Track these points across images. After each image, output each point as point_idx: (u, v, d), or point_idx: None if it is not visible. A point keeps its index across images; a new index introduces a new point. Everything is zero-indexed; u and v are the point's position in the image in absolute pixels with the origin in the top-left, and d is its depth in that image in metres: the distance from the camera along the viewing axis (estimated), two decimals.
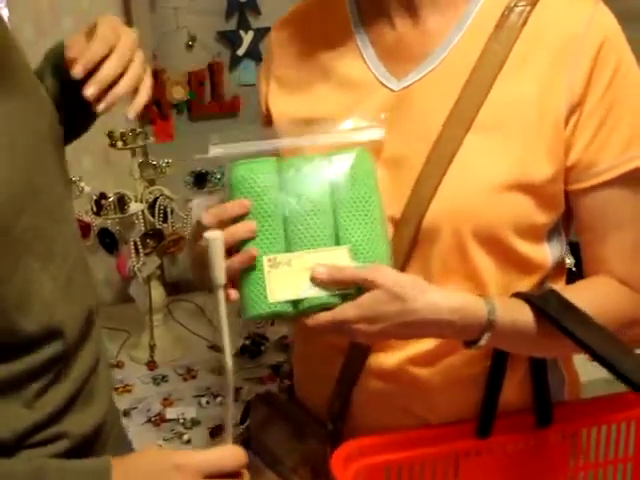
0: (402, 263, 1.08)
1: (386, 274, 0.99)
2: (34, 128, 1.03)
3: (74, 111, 1.13)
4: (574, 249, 1.24)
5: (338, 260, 0.99)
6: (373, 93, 1.13)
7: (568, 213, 1.13)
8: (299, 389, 1.30)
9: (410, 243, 1.08)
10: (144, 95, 1.06)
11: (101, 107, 1.00)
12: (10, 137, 0.97)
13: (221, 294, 0.91)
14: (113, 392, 1.23)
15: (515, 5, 1.07)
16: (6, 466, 0.94)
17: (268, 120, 1.24)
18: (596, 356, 1.00)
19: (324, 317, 0.98)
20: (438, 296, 1.00)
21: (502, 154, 1.05)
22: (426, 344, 1.10)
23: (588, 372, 1.35)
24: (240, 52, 2.49)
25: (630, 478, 1.21)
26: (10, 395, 0.98)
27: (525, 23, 1.06)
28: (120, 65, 1.01)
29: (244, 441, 1.29)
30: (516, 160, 1.05)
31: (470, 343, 1.03)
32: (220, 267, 0.90)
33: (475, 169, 1.05)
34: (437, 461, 1.13)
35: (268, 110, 1.24)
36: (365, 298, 0.97)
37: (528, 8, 1.07)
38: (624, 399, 1.19)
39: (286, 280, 0.98)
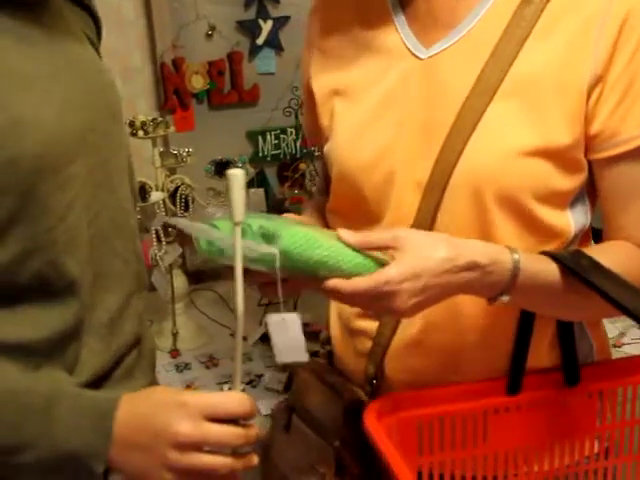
0: (428, 228, 1.11)
1: (411, 232, 1.04)
2: (97, 93, 1.07)
3: None
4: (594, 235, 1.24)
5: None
6: (402, 61, 1.16)
7: (593, 183, 1.15)
8: (337, 353, 1.33)
9: (435, 208, 1.11)
10: None
11: None
12: (68, 87, 1.01)
13: (238, 230, 0.91)
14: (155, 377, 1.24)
15: None
16: (31, 384, 0.96)
17: (309, 90, 1.28)
18: (624, 309, 1.01)
19: (364, 282, 0.97)
20: (465, 241, 1.04)
21: (524, 121, 1.08)
22: (448, 308, 1.11)
23: None
24: (259, 41, 2.51)
25: None
26: (55, 358, 0.99)
27: None
28: None
29: (289, 407, 1.34)
30: (537, 127, 1.08)
31: (494, 298, 1.05)
32: (239, 203, 0.90)
33: (497, 135, 1.09)
34: (467, 417, 1.16)
35: (309, 80, 1.28)
36: (400, 259, 0.98)
37: None
38: None
39: None
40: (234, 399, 0.93)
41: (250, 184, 2.44)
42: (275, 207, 2.47)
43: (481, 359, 1.18)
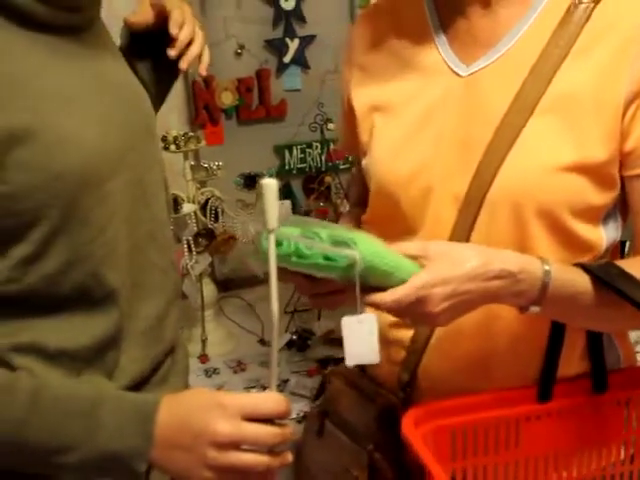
0: (465, 241, 1.15)
1: (441, 243, 1.08)
2: (134, 111, 1.13)
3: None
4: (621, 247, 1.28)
5: None
6: (442, 77, 1.20)
7: (625, 200, 1.18)
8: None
9: (472, 221, 1.15)
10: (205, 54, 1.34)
11: (185, 65, 1.28)
12: (107, 105, 1.07)
13: (272, 238, 0.91)
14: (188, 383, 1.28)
15: (580, 2, 1.14)
16: (75, 388, 1.01)
17: (349, 106, 1.32)
18: None
19: (400, 290, 1.00)
20: (496, 250, 1.07)
21: (561, 138, 1.12)
22: (482, 317, 1.13)
23: None
24: (286, 59, 2.58)
25: None
26: (95, 364, 1.05)
27: (588, 19, 1.13)
28: (190, 33, 1.28)
29: (321, 413, 1.37)
30: (574, 143, 1.11)
31: (525, 308, 1.08)
32: (273, 212, 0.90)
33: (535, 151, 1.12)
34: (499, 425, 1.20)
35: (349, 96, 1.32)
36: (432, 265, 1.02)
37: (592, 5, 1.13)
38: None
39: None
40: (271, 399, 0.97)
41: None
42: None
43: (512, 368, 1.21)
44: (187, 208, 2.15)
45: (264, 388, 2.02)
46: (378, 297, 1.00)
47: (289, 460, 0.99)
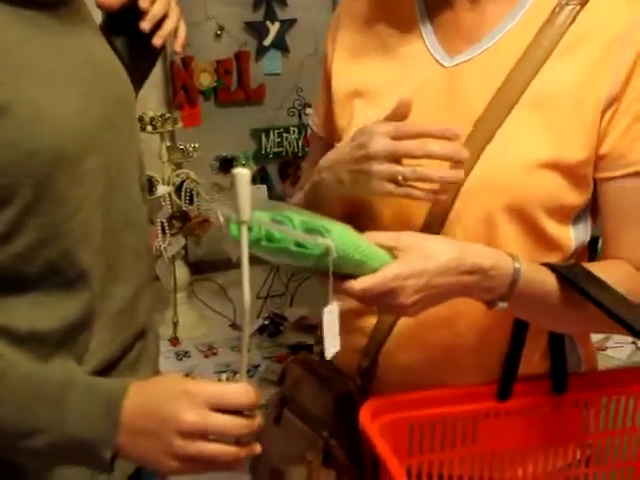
0: (437, 230, 1.14)
1: (416, 235, 1.07)
2: (113, 89, 1.11)
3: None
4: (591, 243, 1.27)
5: None
6: (425, 67, 1.19)
7: (595, 201, 1.18)
8: None
9: (445, 211, 1.14)
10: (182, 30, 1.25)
11: (159, 41, 1.19)
12: (87, 81, 1.04)
13: (244, 229, 0.89)
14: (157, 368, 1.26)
15: (566, 3, 1.14)
16: (43, 371, 0.99)
17: (327, 84, 1.30)
18: (618, 319, 1.04)
19: (371, 279, 0.99)
20: (468, 244, 1.06)
21: (540, 134, 1.12)
22: (447, 310, 1.12)
23: None
24: (266, 42, 2.57)
25: (635, 448, 1.25)
26: (65, 347, 1.03)
27: (573, 21, 1.13)
28: (164, 7, 1.20)
29: (280, 400, 1.35)
30: (553, 140, 1.11)
31: (493, 303, 1.07)
32: (246, 203, 0.87)
33: (513, 146, 1.12)
34: (457, 420, 1.18)
35: (329, 72, 1.30)
36: (405, 257, 1.01)
37: (578, 7, 1.13)
38: (636, 372, 1.25)
39: None
40: (240, 390, 0.94)
41: (252, 181, 2.48)
42: None
43: (474, 361, 1.20)
44: (162, 190, 2.14)
45: (235, 373, 2.06)
46: (347, 285, 0.99)
47: (257, 451, 0.97)
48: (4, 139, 0.92)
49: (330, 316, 0.99)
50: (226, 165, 2.25)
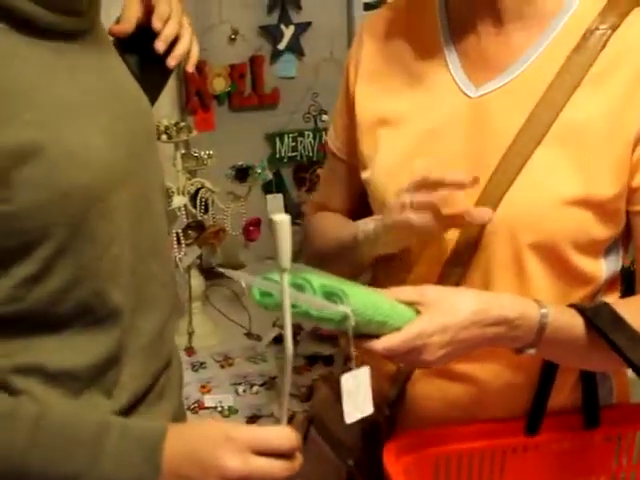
0: (465, 264, 1.13)
1: (438, 288, 1.06)
2: (137, 119, 1.10)
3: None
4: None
5: None
6: (450, 97, 1.17)
7: (629, 231, 1.16)
8: None
9: (473, 247, 1.12)
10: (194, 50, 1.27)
11: (173, 62, 1.21)
12: (112, 114, 1.03)
13: (284, 277, 0.89)
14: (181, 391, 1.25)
15: (596, 28, 1.10)
16: (79, 415, 0.98)
17: (349, 105, 1.28)
18: (634, 368, 1.05)
19: (395, 338, 0.99)
20: (493, 295, 1.07)
21: (569, 169, 1.09)
22: None
23: None
24: (281, 46, 2.54)
25: None
26: (94, 384, 1.02)
27: (604, 47, 1.10)
28: (176, 27, 1.22)
29: (308, 419, 1.35)
30: (582, 176, 1.09)
31: (521, 350, 1.07)
32: (286, 250, 0.88)
33: (542, 182, 1.09)
34: (484, 456, 1.18)
35: (352, 97, 1.27)
36: (429, 312, 1.01)
37: (609, 32, 1.10)
38: None
39: None
40: (281, 434, 0.94)
41: (268, 186, 2.48)
42: (292, 211, 2.51)
43: (503, 397, 1.19)
44: (178, 201, 2.11)
45: (251, 385, 2.04)
46: (371, 344, 0.99)
47: None
48: (38, 181, 0.91)
49: (353, 381, 0.98)
50: (241, 174, 2.22)
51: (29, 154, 0.89)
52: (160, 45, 1.19)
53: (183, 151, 2.20)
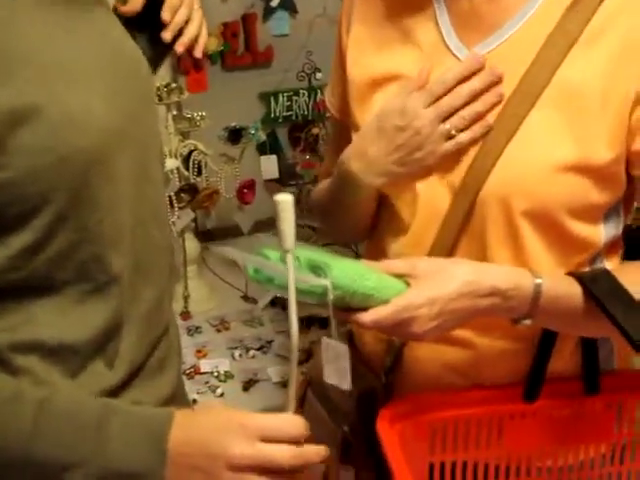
0: (456, 233, 1.11)
1: (429, 260, 1.04)
2: (136, 82, 1.08)
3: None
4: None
5: None
6: (441, 58, 1.13)
7: (631, 194, 1.14)
8: (357, 337, 1.32)
9: (465, 214, 1.10)
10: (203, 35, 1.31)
11: (180, 48, 1.24)
12: (112, 78, 1.01)
13: (289, 258, 0.90)
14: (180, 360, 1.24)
15: None
16: (79, 400, 0.97)
17: (342, 63, 1.25)
18: (633, 344, 1.02)
19: (382, 311, 0.98)
20: (486, 265, 1.06)
21: (564, 133, 1.06)
22: None
23: None
24: (273, 3, 2.49)
25: None
26: (96, 356, 1.01)
27: (601, 2, 1.05)
28: (188, 13, 1.26)
29: (306, 381, 1.36)
30: (578, 140, 1.05)
31: (517, 321, 1.06)
32: (289, 231, 0.88)
33: (535, 146, 1.06)
34: (482, 422, 1.17)
35: (344, 55, 1.24)
36: (418, 285, 1.00)
37: None
38: None
39: None
40: (289, 422, 0.94)
41: (262, 147, 2.44)
42: (286, 172, 2.48)
43: (503, 358, 1.17)
44: (170, 164, 2.08)
45: (247, 349, 2.03)
46: (358, 317, 0.99)
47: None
48: (37, 144, 0.88)
49: (332, 352, 0.98)
50: (235, 135, 2.19)
51: (27, 116, 0.87)
52: (167, 35, 1.23)
53: (175, 112, 2.16)
